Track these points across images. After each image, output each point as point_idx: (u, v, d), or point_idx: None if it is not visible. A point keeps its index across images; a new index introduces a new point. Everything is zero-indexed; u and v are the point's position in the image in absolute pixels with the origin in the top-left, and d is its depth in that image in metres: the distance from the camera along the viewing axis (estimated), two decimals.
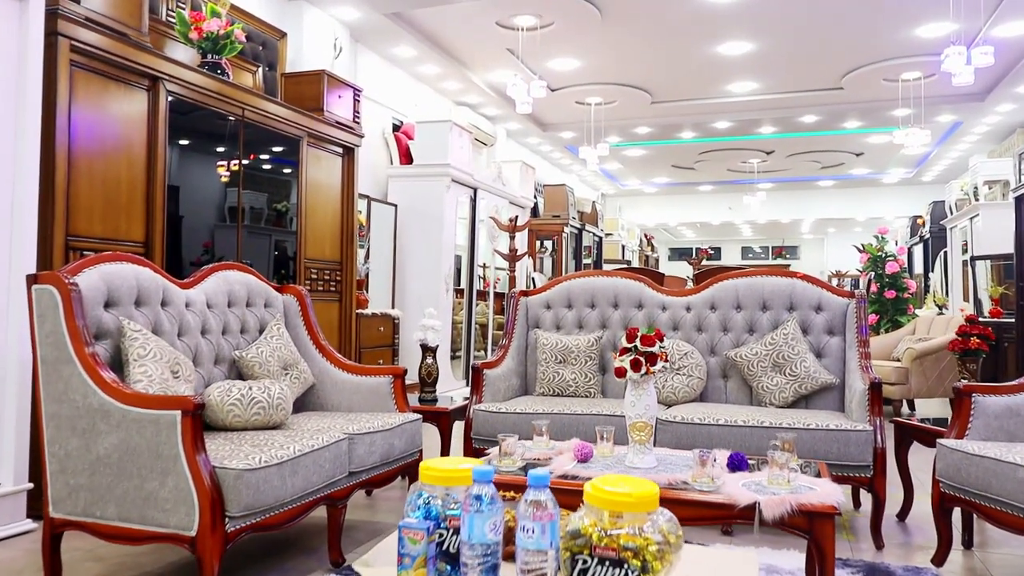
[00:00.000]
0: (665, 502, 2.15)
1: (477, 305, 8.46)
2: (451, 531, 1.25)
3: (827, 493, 2.11)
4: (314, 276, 5.34)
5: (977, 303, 9.62)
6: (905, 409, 6.93)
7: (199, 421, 2.21)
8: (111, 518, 2.28)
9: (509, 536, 1.34)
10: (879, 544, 3.06)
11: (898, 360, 6.66)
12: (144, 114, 3.90)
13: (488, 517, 1.13)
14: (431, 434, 4.51)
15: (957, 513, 3.09)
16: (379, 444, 2.94)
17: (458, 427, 4.23)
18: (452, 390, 7.20)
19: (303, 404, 3.43)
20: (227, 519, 2.19)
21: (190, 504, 2.17)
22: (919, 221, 13.63)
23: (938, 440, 2.85)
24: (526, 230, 9.17)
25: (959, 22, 6.76)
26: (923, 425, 3.44)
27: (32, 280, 2.42)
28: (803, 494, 2.10)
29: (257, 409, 2.76)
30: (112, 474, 2.28)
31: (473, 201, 8.07)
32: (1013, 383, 2.96)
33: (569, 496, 2.20)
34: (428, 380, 4.06)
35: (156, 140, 3.94)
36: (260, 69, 5.66)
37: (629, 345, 2.51)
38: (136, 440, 2.24)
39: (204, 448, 2.22)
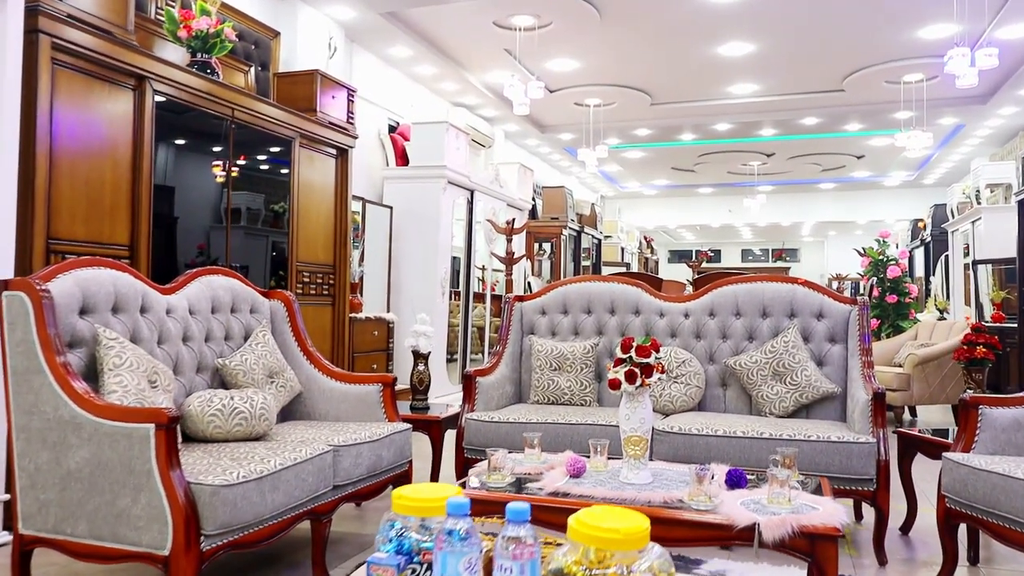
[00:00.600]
0: (661, 522, 2.06)
1: (475, 308, 8.37)
2: (424, 566, 1.16)
3: (829, 513, 2.02)
4: (306, 279, 5.25)
5: (979, 307, 9.53)
6: (906, 416, 6.84)
7: (173, 435, 2.12)
8: (82, 535, 2.19)
9: (490, 568, 1.24)
10: (882, 560, 2.96)
11: (900, 366, 6.56)
12: (130, 114, 3.81)
13: (463, 555, 1.04)
14: (423, 443, 4.41)
15: (963, 527, 2.99)
16: (366, 455, 2.85)
17: (451, 435, 4.14)
18: (448, 394, 7.10)
19: (290, 413, 3.33)
20: (202, 537, 2.10)
21: (163, 522, 2.07)
22: (920, 224, 13.54)
23: (944, 454, 2.75)
24: (524, 232, 9.08)
25: (963, 23, 6.66)
26: (928, 437, 3.35)
27: (2, 286, 2.32)
28: (804, 514, 2.00)
29: (239, 420, 2.66)
30: (83, 490, 2.18)
31: (470, 203, 7.98)
32: (1021, 395, 2.86)
33: (559, 515, 2.10)
34: (420, 387, 3.96)
35: (142, 141, 3.85)
36: (252, 69, 5.56)
37: (624, 356, 2.41)
38: (108, 454, 2.15)
39: (179, 463, 2.12)
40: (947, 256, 11.69)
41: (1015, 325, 7.31)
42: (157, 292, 2.85)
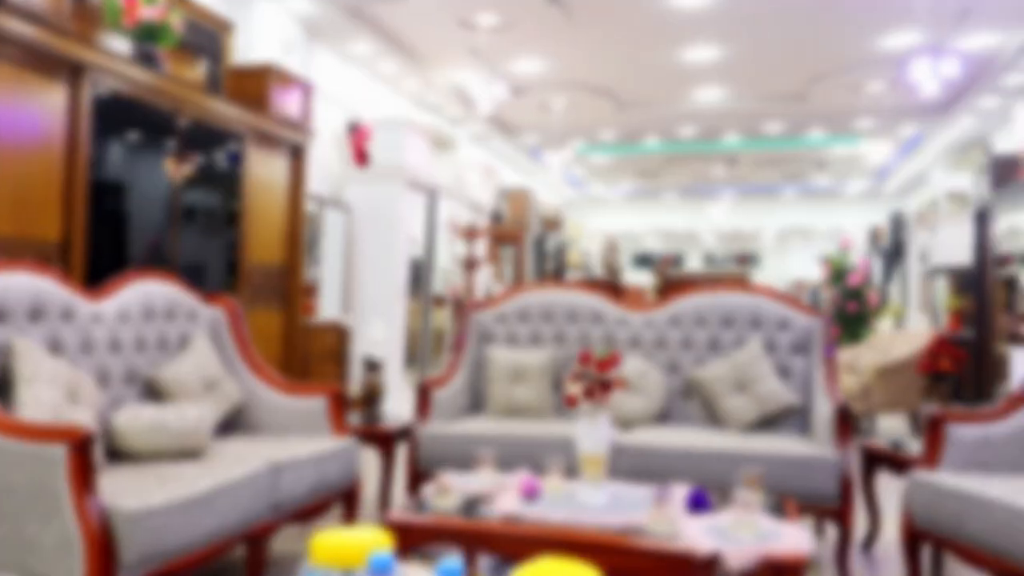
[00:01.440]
0: (619, 552, 1.93)
1: (436, 312, 8.19)
2: None
3: (795, 541, 1.91)
4: (258, 282, 5.03)
5: (934, 315, 9.63)
6: (865, 423, 6.83)
7: (88, 455, 1.93)
8: None
9: None
10: None
11: (858, 374, 6.55)
12: (64, 107, 3.58)
13: None
14: (374, 458, 4.24)
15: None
16: (309, 473, 2.68)
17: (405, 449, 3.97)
18: (407, 401, 6.92)
19: (232, 425, 3.14)
20: (120, 568, 1.91)
21: (74, 553, 1.88)
22: (878, 232, 13.71)
23: (910, 473, 2.67)
24: (486, 236, 8.93)
25: (925, 33, 6.69)
26: (893, 453, 3.27)
27: None
28: (770, 543, 1.89)
29: (170, 436, 2.47)
30: None
31: (432, 205, 7.80)
32: (988, 410, 2.80)
33: (512, 545, 1.97)
34: (371, 398, 3.79)
35: (78, 135, 3.62)
36: (204, 63, 5.33)
37: (582, 370, 2.28)
38: (15, 477, 1.95)
39: (94, 487, 1.93)
40: (904, 264, 11.83)
41: (971, 334, 7.37)
42: (83, 299, 2.65)
